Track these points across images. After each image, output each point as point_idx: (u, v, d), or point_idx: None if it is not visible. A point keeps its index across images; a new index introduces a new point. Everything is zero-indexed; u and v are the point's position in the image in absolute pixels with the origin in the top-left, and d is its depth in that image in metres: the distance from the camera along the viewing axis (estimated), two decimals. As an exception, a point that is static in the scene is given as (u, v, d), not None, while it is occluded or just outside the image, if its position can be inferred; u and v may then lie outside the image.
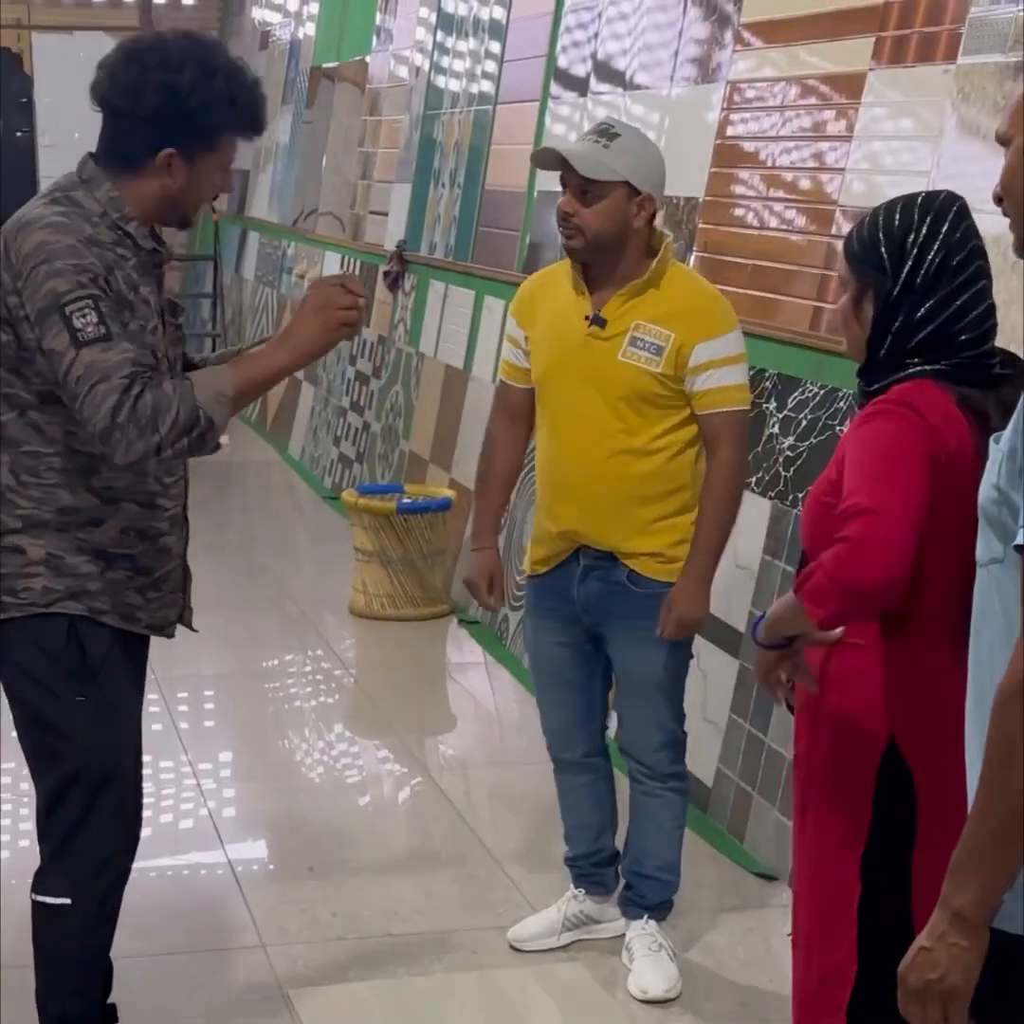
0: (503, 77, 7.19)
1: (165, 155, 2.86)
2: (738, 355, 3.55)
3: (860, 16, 4.51)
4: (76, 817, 2.96)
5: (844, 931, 2.65)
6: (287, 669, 6.17)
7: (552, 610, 3.74)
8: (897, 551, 2.38)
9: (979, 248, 2.61)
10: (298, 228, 10.41)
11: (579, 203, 3.50)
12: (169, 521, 2.99)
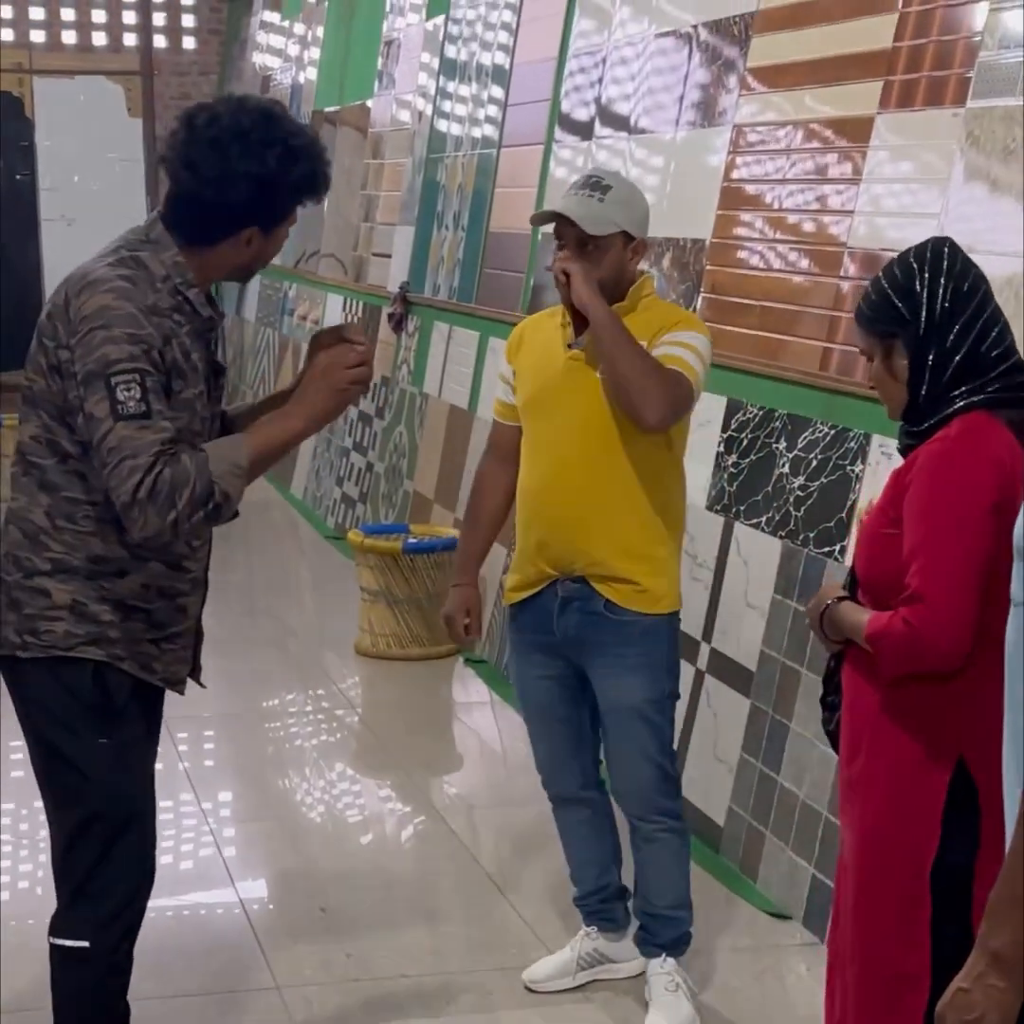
0: (507, 121, 7.24)
1: (248, 233, 2.89)
2: (693, 346, 3.57)
3: (867, 60, 4.55)
4: (96, 858, 2.96)
5: (917, 940, 2.68)
6: (293, 709, 6.17)
7: (533, 644, 3.76)
8: (955, 637, 2.58)
9: (980, 273, 2.74)
10: (300, 270, 10.45)
11: (577, 256, 3.58)
12: (191, 583, 3.03)
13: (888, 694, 2.69)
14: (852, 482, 4.30)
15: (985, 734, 2.65)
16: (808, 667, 4.36)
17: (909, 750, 2.67)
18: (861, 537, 2.78)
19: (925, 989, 2.71)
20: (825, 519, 4.39)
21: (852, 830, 2.79)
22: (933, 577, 2.57)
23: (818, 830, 4.24)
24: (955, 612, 2.57)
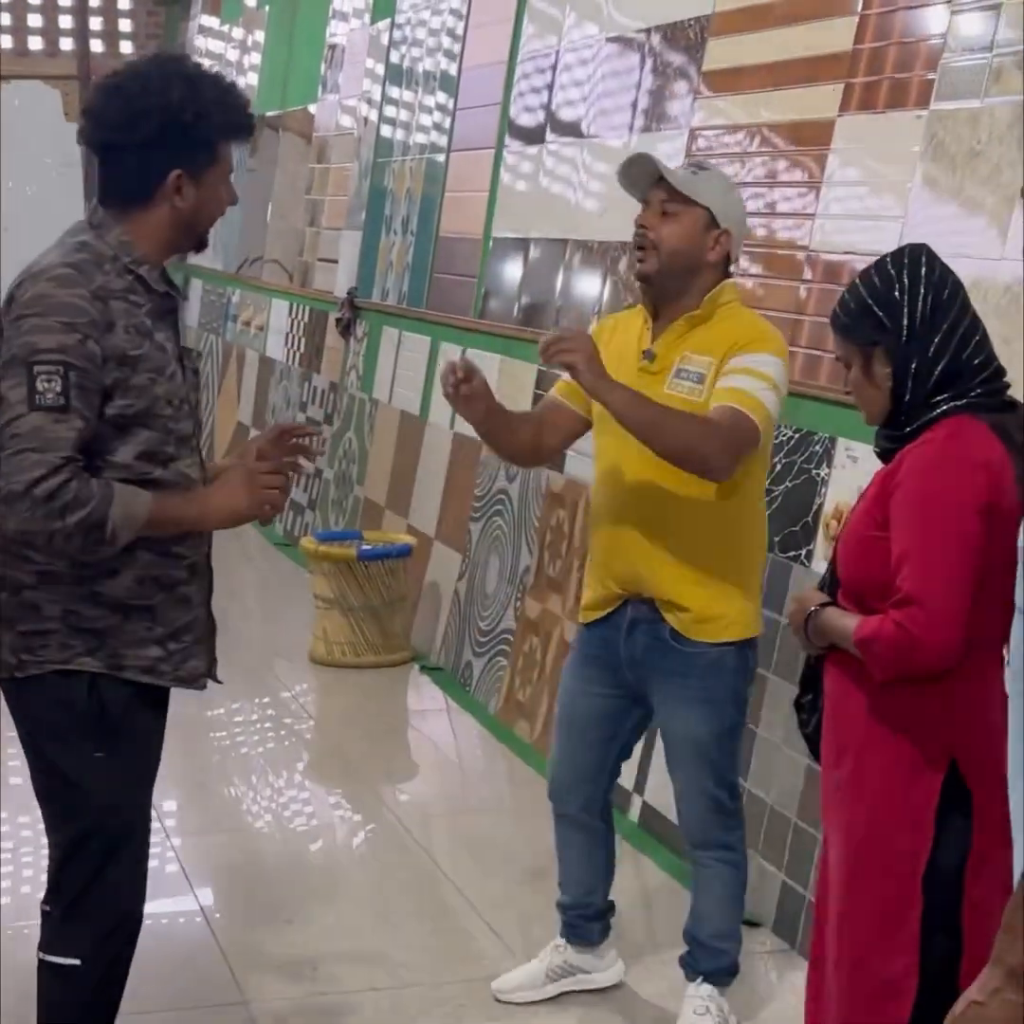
0: (457, 125, 7.20)
1: (174, 178, 2.84)
2: (763, 373, 3.36)
3: (827, 63, 4.55)
4: (91, 874, 2.90)
5: (906, 944, 2.66)
6: (248, 717, 6.09)
7: (595, 658, 3.66)
8: (949, 639, 2.57)
9: (957, 280, 2.74)
10: (242, 275, 10.38)
11: (657, 219, 3.46)
12: (188, 570, 2.93)
13: (878, 696, 2.67)
14: (818, 486, 4.29)
15: (977, 735, 2.65)
16: (775, 672, 4.34)
17: (900, 753, 2.66)
18: (844, 540, 2.76)
19: (911, 994, 2.70)
20: (790, 523, 4.37)
21: (839, 834, 2.77)
22: (926, 580, 2.56)
23: (787, 836, 4.23)
24: (949, 614, 2.56)
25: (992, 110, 3.88)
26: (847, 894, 2.77)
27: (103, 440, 2.78)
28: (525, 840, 4.98)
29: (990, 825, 2.63)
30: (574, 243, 5.94)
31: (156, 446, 2.84)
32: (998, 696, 2.70)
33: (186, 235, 2.94)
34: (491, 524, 6.30)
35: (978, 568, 2.57)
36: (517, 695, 5.86)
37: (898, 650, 2.59)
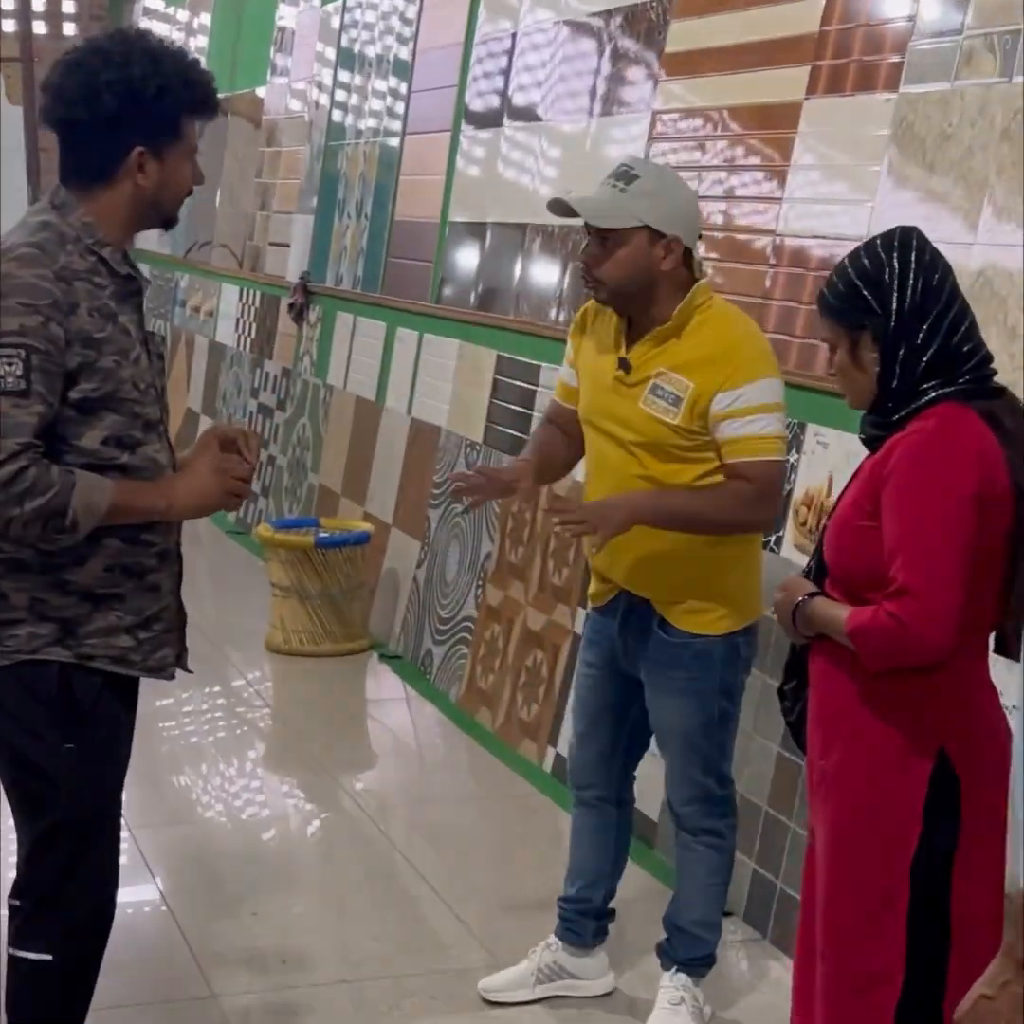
0: (412, 108, 7.14)
1: (136, 155, 2.78)
2: (766, 404, 3.36)
3: (794, 45, 4.52)
4: (61, 868, 2.84)
5: (892, 935, 2.64)
6: (203, 707, 6.03)
7: (596, 644, 3.68)
8: (945, 630, 2.54)
9: (948, 265, 2.70)
10: (190, 260, 10.28)
11: (599, 251, 3.39)
12: (158, 557, 2.87)
13: (867, 686, 2.64)
14: (787, 472, 4.26)
15: (967, 724, 2.64)
16: (744, 658, 4.31)
17: (889, 742, 2.63)
18: (831, 528, 2.73)
19: (897, 985, 2.68)
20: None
21: (826, 823, 2.75)
22: (920, 570, 2.53)
23: (758, 824, 4.21)
24: (943, 605, 2.53)
25: (963, 93, 3.85)
26: (833, 883, 2.74)
27: (68, 424, 2.72)
28: (488, 829, 4.95)
29: (979, 816, 2.61)
30: (533, 228, 5.89)
31: (123, 431, 2.78)
32: (987, 685, 2.69)
33: (150, 214, 2.88)
34: (451, 511, 6.25)
35: (970, 559, 2.54)
36: (479, 683, 5.82)
37: (892, 641, 2.56)
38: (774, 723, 4.11)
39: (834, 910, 2.74)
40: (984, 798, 2.60)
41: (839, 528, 2.70)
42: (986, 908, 2.63)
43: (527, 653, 5.53)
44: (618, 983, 3.90)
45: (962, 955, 2.62)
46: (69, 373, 2.70)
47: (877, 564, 2.59)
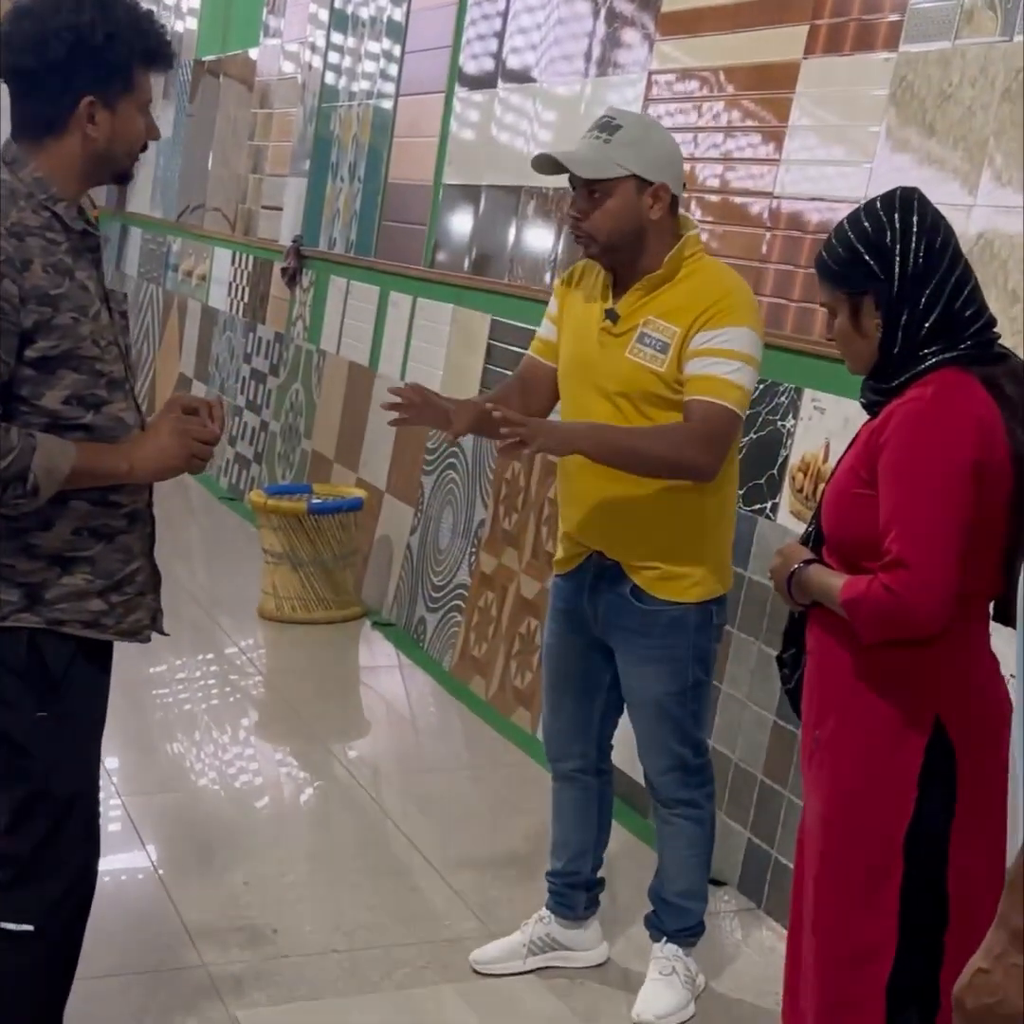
0: (405, 69, 7.06)
1: (85, 104, 2.70)
2: (740, 352, 3.29)
3: (791, 4, 4.45)
4: (42, 838, 2.79)
5: (885, 907, 2.61)
6: (195, 675, 5.99)
7: (564, 612, 3.61)
8: (939, 603, 2.50)
9: (950, 227, 2.65)
10: (183, 223, 10.20)
11: (587, 204, 3.34)
12: (127, 519, 2.81)
13: (863, 655, 2.60)
14: (783, 438, 4.22)
15: (963, 696, 2.60)
16: (739, 628, 4.28)
17: (885, 712, 2.59)
18: (828, 495, 2.68)
19: (889, 958, 2.65)
20: (755, 476, 4.30)
21: (820, 792, 2.71)
22: (915, 542, 2.49)
23: (753, 794, 4.17)
24: (939, 577, 2.49)
25: (963, 51, 3.80)
26: (826, 855, 2.71)
27: (28, 384, 2.66)
28: (481, 798, 4.92)
29: (976, 786, 2.58)
30: (527, 191, 5.83)
31: (85, 389, 2.71)
32: (987, 653, 2.65)
33: (102, 167, 2.80)
34: (444, 477, 6.20)
35: (967, 528, 2.50)
36: (472, 651, 5.78)
37: (886, 613, 2.52)
38: (769, 691, 4.08)
39: (826, 883, 2.70)
40: (981, 768, 2.56)
41: (836, 496, 2.65)
42: (984, 878, 2.60)
43: (520, 621, 5.49)
44: (611, 953, 3.87)
45: (960, 926, 2.59)
46: (25, 332, 2.63)
47: (874, 533, 2.54)
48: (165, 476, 2.81)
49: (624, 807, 4.50)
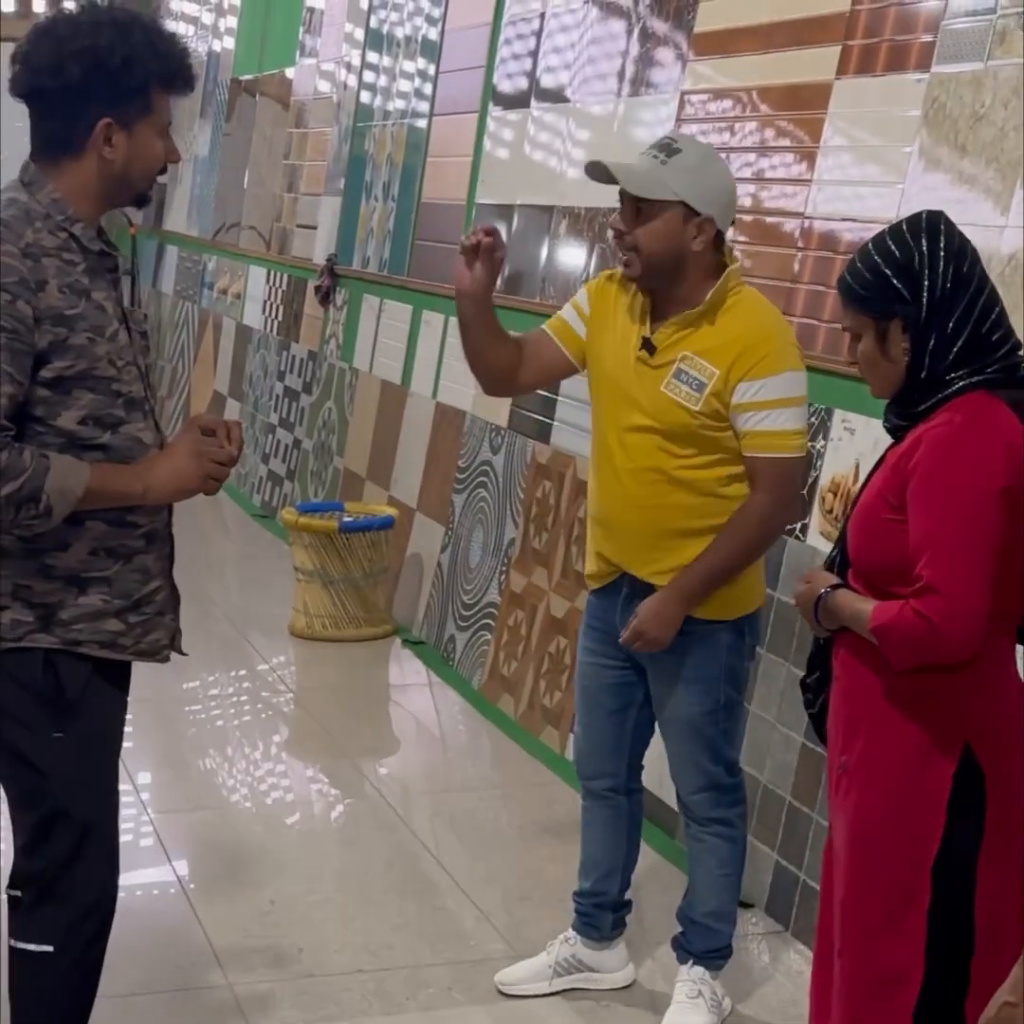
0: (439, 89, 7.08)
1: (102, 127, 2.70)
2: (787, 399, 3.31)
3: (824, 25, 4.44)
4: (62, 858, 2.79)
5: (912, 933, 2.58)
6: (226, 692, 6.00)
7: (596, 630, 3.60)
8: (972, 629, 2.48)
9: (975, 250, 2.63)
10: (219, 242, 10.24)
11: (631, 220, 3.32)
12: (144, 539, 2.82)
13: (891, 680, 2.58)
14: (814, 459, 4.20)
15: (993, 720, 2.58)
16: (769, 649, 4.26)
17: (914, 737, 2.57)
18: (855, 520, 2.66)
19: (916, 984, 2.63)
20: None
21: (846, 818, 2.69)
22: (946, 568, 2.47)
23: (781, 815, 4.15)
24: (971, 604, 2.47)
25: (996, 72, 3.78)
26: (853, 880, 2.69)
27: (43, 405, 2.67)
28: (509, 817, 4.91)
29: (1004, 813, 2.56)
30: (560, 210, 5.83)
31: (102, 409, 2.71)
32: (1014, 679, 2.63)
33: (120, 189, 2.80)
34: (475, 496, 6.20)
35: (998, 554, 2.48)
36: (501, 670, 5.77)
37: (918, 640, 2.50)
38: (797, 713, 4.05)
39: (853, 907, 2.69)
40: (1010, 794, 2.54)
41: (863, 521, 2.63)
42: (1012, 906, 2.58)
43: (550, 640, 5.48)
44: (637, 975, 3.86)
45: (986, 953, 2.56)
46: (40, 352, 2.64)
47: (901, 558, 2.53)
48: (180, 497, 2.80)
49: (652, 827, 4.49)
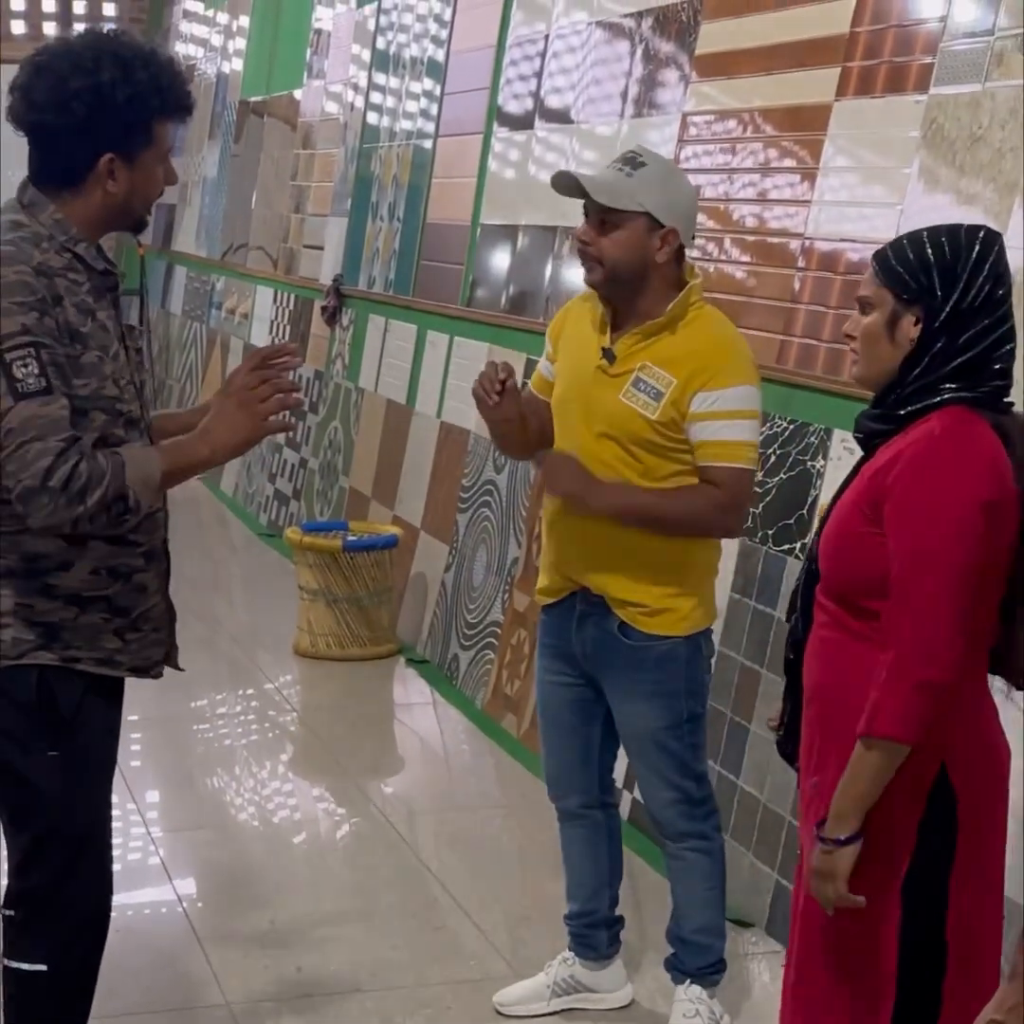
0: (444, 110, 7.11)
1: (105, 162, 2.72)
2: (742, 411, 3.34)
3: (824, 47, 4.46)
4: (54, 877, 2.80)
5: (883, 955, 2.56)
6: (231, 711, 6.01)
7: (552, 648, 3.60)
8: (950, 668, 2.45)
9: (1011, 284, 2.59)
10: (227, 262, 10.28)
11: (596, 231, 3.37)
12: (144, 557, 2.83)
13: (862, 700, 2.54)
14: (813, 478, 4.21)
15: (969, 743, 2.54)
16: (768, 667, 4.26)
17: None
18: (827, 536, 2.61)
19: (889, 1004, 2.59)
20: (785, 516, 4.29)
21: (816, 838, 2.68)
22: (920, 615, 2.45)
23: (781, 834, 4.15)
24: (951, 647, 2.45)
25: (993, 94, 3.79)
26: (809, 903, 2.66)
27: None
28: (512, 837, 4.91)
29: (975, 835, 2.52)
30: (564, 230, 5.85)
31: (108, 429, 2.73)
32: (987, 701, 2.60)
33: (120, 218, 2.83)
34: (479, 515, 6.21)
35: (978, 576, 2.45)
36: (504, 689, 5.78)
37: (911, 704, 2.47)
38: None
39: (822, 929, 2.66)
40: (981, 816, 2.52)
41: (837, 536, 2.59)
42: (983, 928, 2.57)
43: (553, 659, 5.48)
44: (636, 994, 3.85)
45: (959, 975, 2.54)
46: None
47: (875, 571, 2.49)
48: (246, 448, 2.82)
49: (649, 844, 4.49)
